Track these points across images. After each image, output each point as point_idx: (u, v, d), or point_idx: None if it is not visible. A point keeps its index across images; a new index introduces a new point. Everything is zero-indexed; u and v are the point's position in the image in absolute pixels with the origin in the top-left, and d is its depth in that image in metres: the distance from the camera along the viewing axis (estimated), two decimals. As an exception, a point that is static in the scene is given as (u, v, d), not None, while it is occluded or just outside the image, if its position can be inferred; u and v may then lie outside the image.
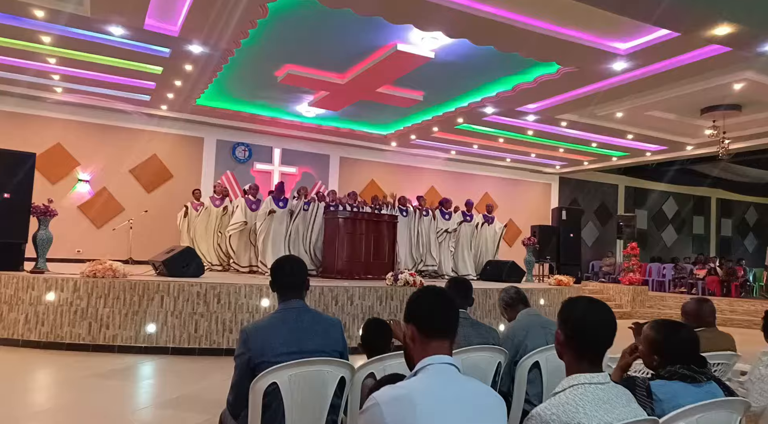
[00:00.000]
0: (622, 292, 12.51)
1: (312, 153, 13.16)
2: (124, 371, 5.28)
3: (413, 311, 1.67)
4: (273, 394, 2.16)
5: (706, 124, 10.10)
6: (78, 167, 10.97)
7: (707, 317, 3.39)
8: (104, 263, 6.16)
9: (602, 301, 1.74)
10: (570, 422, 1.52)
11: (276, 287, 2.40)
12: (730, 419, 1.92)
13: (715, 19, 5.80)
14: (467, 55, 7.64)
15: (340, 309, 6.46)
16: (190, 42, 7.31)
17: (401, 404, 1.42)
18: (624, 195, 17.97)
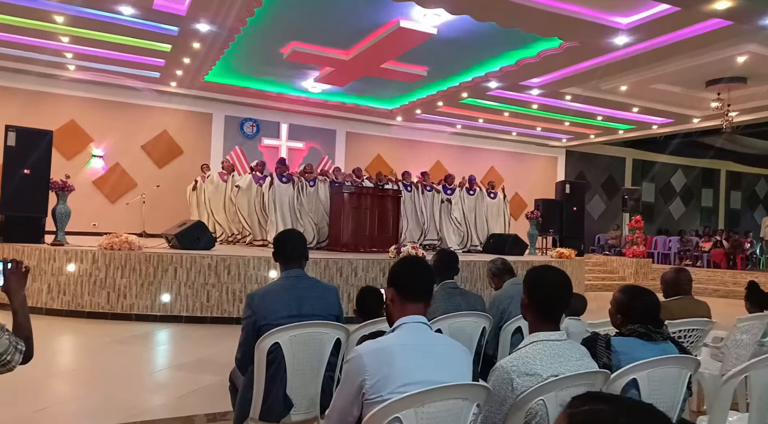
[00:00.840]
0: (626, 264, 12.69)
1: (318, 128, 13.32)
2: (142, 338, 5.64)
3: (394, 277, 1.92)
4: (276, 352, 2.43)
5: (712, 97, 10.07)
6: (92, 143, 11.27)
7: (684, 285, 3.59)
8: (120, 236, 6.48)
9: (560, 268, 1.96)
10: (528, 372, 1.77)
11: (278, 258, 2.65)
12: (680, 375, 2.16)
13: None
14: (470, 30, 7.69)
15: (345, 280, 6.75)
16: (197, 21, 7.44)
17: (380, 355, 1.67)
18: (631, 168, 17.95)
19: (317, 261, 6.77)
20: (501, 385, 1.78)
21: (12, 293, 1.77)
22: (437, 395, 1.61)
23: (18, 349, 1.68)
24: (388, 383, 1.62)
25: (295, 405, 2.46)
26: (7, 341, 1.64)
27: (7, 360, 1.65)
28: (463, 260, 7.51)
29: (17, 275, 1.79)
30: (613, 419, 0.86)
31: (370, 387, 1.64)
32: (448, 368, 1.72)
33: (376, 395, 1.63)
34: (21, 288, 1.80)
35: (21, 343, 1.70)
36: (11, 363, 1.66)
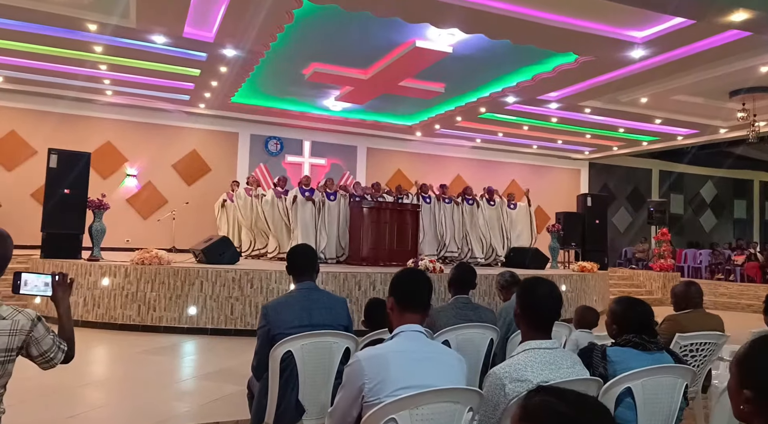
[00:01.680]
0: (653, 278, 12.46)
1: (340, 145, 13.61)
2: (169, 349, 5.89)
3: (393, 287, 2.06)
4: (288, 360, 2.59)
5: (737, 107, 9.92)
6: (126, 163, 11.80)
7: (694, 298, 3.60)
8: (151, 251, 6.80)
9: (552, 282, 2.07)
10: (519, 378, 1.87)
11: (291, 271, 2.82)
12: (675, 384, 2.22)
13: (730, 5, 5.82)
14: (485, 48, 7.85)
15: (363, 294, 6.90)
16: (224, 46, 7.82)
17: (377, 360, 1.81)
18: (658, 179, 17.65)
19: (336, 274, 6.94)
20: (494, 390, 1.89)
21: (59, 301, 2.00)
22: (430, 398, 1.74)
23: (61, 348, 1.90)
24: (385, 387, 1.76)
25: (306, 411, 2.61)
26: (51, 340, 1.86)
27: (51, 357, 1.87)
28: (482, 274, 7.59)
29: (63, 286, 2.02)
30: (555, 407, 0.99)
31: (369, 390, 1.77)
32: (441, 374, 1.84)
33: (374, 398, 1.77)
34: (66, 297, 2.03)
35: (64, 344, 1.93)
36: (54, 360, 1.89)
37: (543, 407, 1.01)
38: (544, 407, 1.01)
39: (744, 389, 1.15)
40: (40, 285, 2.01)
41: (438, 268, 7.29)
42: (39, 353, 1.83)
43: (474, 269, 3.57)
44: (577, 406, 1.00)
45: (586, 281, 9.18)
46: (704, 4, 5.81)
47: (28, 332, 1.78)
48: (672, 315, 3.58)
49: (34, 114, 11.00)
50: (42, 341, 1.82)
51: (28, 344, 1.80)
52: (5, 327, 1.73)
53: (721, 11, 5.94)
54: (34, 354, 1.83)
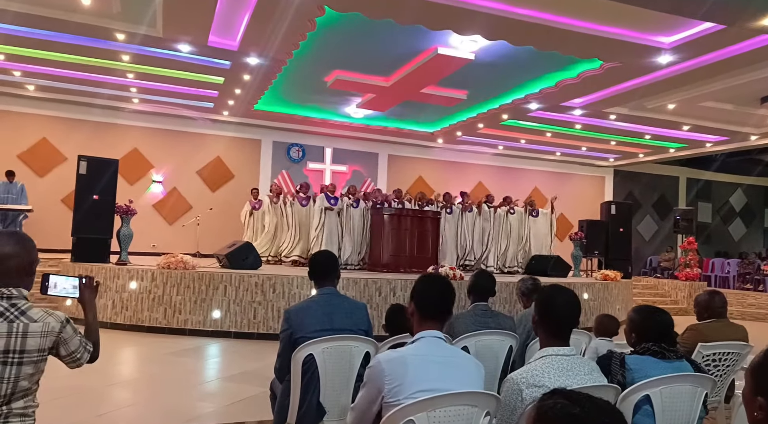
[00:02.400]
0: (678, 288, 12.20)
1: (361, 152, 13.71)
2: (194, 351, 6.02)
3: (415, 294, 2.08)
4: (310, 363, 2.64)
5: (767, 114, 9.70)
6: (152, 170, 12.11)
7: (718, 308, 3.54)
8: (176, 256, 6.96)
9: (570, 289, 2.08)
10: (536, 383, 1.89)
11: (313, 276, 2.88)
12: (694, 393, 2.20)
13: (762, 10, 5.72)
14: (507, 54, 7.84)
15: (384, 300, 6.93)
16: (247, 55, 8.00)
17: (397, 362, 1.85)
18: (686, 187, 17.28)
19: (357, 280, 7.00)
20: (511, 395, 1.91)
21: (85, 303, 2.09)
22: (447, 401, 1.77)
23: (87, 349, 1.99)
24: (404, 389, 1.80)
25: (327, 413, 2.66)
26: (78, 341, 1.94)
27: (78, 357, 1.95)
28: (501, 281, 7.54)
29: (90, 289, 2.11)
30: (568, 410, 1.02)
31: (389, 391, 1.81)
32: (458, 378, 1.87)
33: (394, 399, 1.81)
34: (92, 299, 2.12)
35: (89, 344, 2.01)
36: (80, 360, 1.97)
37: (557, 409, 1.04)
38: (557, 409, 1.04)
39: (758, 397, 1.16)
40: (68, 287, 2.09)
41: (458, 275, 7.28)
42: (67, 353, 1.91)
43: (493, 277, 3.56)
44: (589, 408, 1.03)
45: (609, 290, 9.04)
46: (736, 9, 5.71)
47: (58, 333, 1.85)
48: (694, 325, 3.52)
49: (64, 121, 11.39)
50: (70, 341, 1.90)
51: (58, 345, 1.88)
52: (37, 329, 1.81)
53: (753, 16, 5.84)
54: (63, 354, 1.91)
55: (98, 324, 2.14)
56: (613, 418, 1.02)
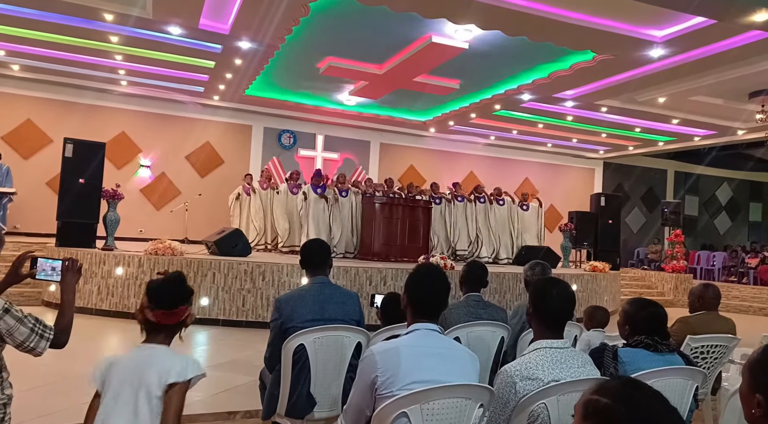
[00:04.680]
0: (665, 280, 12.37)
1: (353, 139, 13.62)
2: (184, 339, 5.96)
3: (408, 286, 2.06)
4: (301, 352, 2.62)
5: (756, 109, 9.77)
6: (140, 154, 11.92)
7: (710, 301, 3.58)
8: (164, 242, 6.88)
9: (565, 282, 2.07)
10: (530, 376, 1.89)
11: (304, 265, 2.85)
12: (685, 386, 2.21)
13: (752, 5, 5.73)
14: (501, 44, 7.79)
15: (374, 289, 6.92)
16: (239, 39, 7.85)
17: (390, 354, 1.84)
18: (673, 180, 17.45)
19: (348, 269, 6.98)
20: (505, 388, 1.90)
21: (65, 287, 2.00)
22: (441, 394, 1.75)
23: (44, 336, 1.85)
24: (397, 380, 1.78)
25: (318, 403, 2.64)
26: (29, 330, 1.80)
27: (31, 347, 1.82)
28: (492, 272, 7.58)
29: (72, 272, 2.02)
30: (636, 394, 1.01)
31: (382, 383, 1.80)
32: (453, 370, 1.86)
33: (387, 391, 1.79)
34: (73, 283, 2.02)
35: (48, 331, 1.87)
36: (36, 349, 1.83)
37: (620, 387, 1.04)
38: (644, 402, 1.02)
39: (756, 394, 1.16)
40: (48, 270, 2.02)
41: (449, 265, 7.29)
42: (15, 343, 1.80)
43: (486, 267, 3.53)
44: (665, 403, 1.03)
45: (598, 281, 9.13)
46: (727, 3, 5.71)
47: None
48: (683, 317, 3.56)
49: (50, 103, 11.14)
50: (15, 332, 1.78)
51: (2, 335, 1.76)
52: None
53: (744, 11, 5.84)
54: (13, 345, 1.79)
55: (73, 309, 2.02)
56: (676, 415, 1.03)
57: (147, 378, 1.73)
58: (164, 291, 1.81)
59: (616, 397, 1.02)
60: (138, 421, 1.66)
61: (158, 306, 1.81)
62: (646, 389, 1.05)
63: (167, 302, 1.81)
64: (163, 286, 1.82)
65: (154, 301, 1.81)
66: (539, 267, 3.66)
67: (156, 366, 1.74)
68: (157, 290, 1.81)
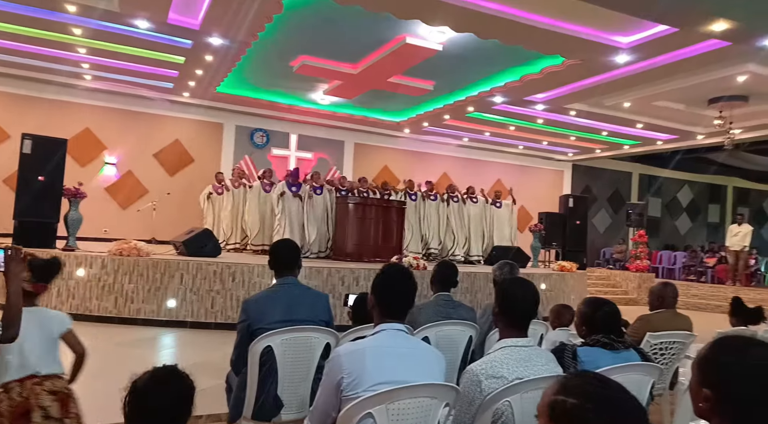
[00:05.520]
0: (629, 279, 12.72)
1: (327, 139, 13.56)
2: (147, 341, 5.83)
3: (376, 289, 2.06)
4: (268, 355, 2.59)
5: (714, 115, 10.15)
6: (105, 151, 11.59)
7: (669, 298, 3.71)
8: (129, 242, 6.70)
9: (530, 281, 2.12)
10: (495, 375, 1.92)
11: (273, 266, 2.82)
12: (642, 381, 2.29)
13: (711, 15, 5.95)
14: (474, 47, 7.88)
15: (347, 289, 6.90)
16: (210, 35, 7.72)
17: (356, 355, 1.84)
18: (638, 182, 17.97)
19: (320, 270, 6.94)
20: (470, 386, 1.93)
21: (9, 277, 1.89)
22: (406, 394, 1.77)
23: None
24: (363, 382, 1.78)
25: (285, 405, 2.62)
26: None
27: None
28: (463, 271, 7.66)
29: (16, 261, 1.91)
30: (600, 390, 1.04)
31: (347, 385, 1.80)
32: (419, 370, 1.88)
33: (353, 393, 1.79)
34: (19, 273, 1.92)
35: None
36: None
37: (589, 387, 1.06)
38: (590, 388, 1.06)
39: (703, 388, 1.20)
40: None
41: (422, 265, 7.33)
42: None
43: (456, 267, 3.57)
44: (619, 391, 1.06)
45: (565, 281, 9.33)
46: (687, 12, 5.92)
47: None
48: (644, 315, 3.67)
49: (9, 97, 10.72)
50: None
51: None
52: None
53: (703, 20, 6.06)
54: None
55: (21, 301, 1.92)
56: (637, 405, 1.05)
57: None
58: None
59: (583, 395, 1.04)
60: None
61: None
62: (608, 383, 1.09)
63: None
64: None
65: None
66: (507, 267, 3.74)
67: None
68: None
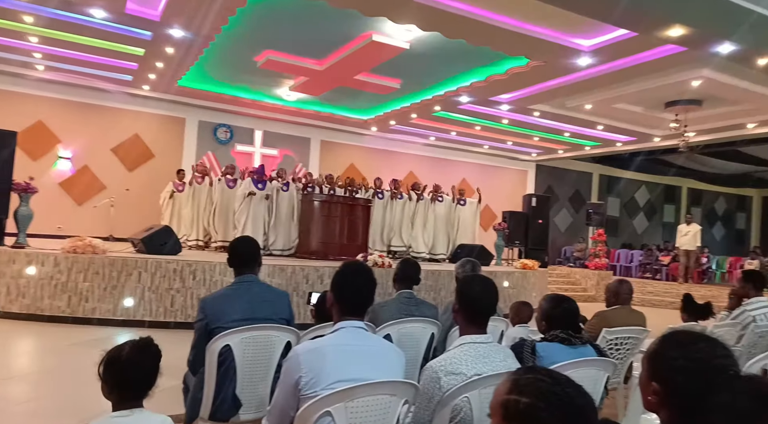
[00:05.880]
0: (588, 276, 13.09)
1: (293, 136, 13.40)
2: (103, 341, 5.61)
3: (334, 285, 2.03)
4: (226, 354, 2.53)
5: (670, 118, 10.54)
6: (59, 145, 11.11)
7: (624, 296, 3.82)
8: (84, 239, 6.45)
9: (489, 278, 2.13)
10: (454, 371, 1.93)
11: (232, 264, 2.76)
12: (598, 376, 2.35)
13: (668, 20, 6.15)
14: (441, 46, 7.92)
15: (311, 288, 6.82)
16: (171, 26, 7.49)
17: (315, 353, 1.81)
18: (598, 183, 18.52)
19: (284, 268, 6.85)
20: (429, 383, 1.93)
21: None
22: (365, 391, 1.75)
23: None
24: (321, 380, 1.76)
25: (244, 405, 2.57)
26: None
27: None
28: (428, 269, 7.71)
29: None
30: (549, 386, 1.05)
31: (305, 384, 1.77)
32: (379, 367, 1.86)
33: (311, 391, 1.76)
34: None
35: None
36: None
37: (537, 385, 1.07)
38: (538, 385, 1.06)
39: (652, 382, 1.23)
40: None
41: (387, 263, 7.34)
42: None
43: (418, 265, 3.59)
44: (568, 387, 1.07)
45: (527, 278, 9.52)
46: (644, 16, 6.11)
47: None
48: (600, 312, 3.77)
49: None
50: None
51: None
52: None
53: (661, 25, 6.26)
54: None
55: None
56: (587, 399, 1.06)
57: None
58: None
59: (534, 394, 1.05)
60: None
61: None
62: (559, 379, 1.10)
63: None
64: None
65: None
66: (470, 265, 3.80)
67: None
68: None
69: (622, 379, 3.57)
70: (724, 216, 21.64)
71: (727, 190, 21.18)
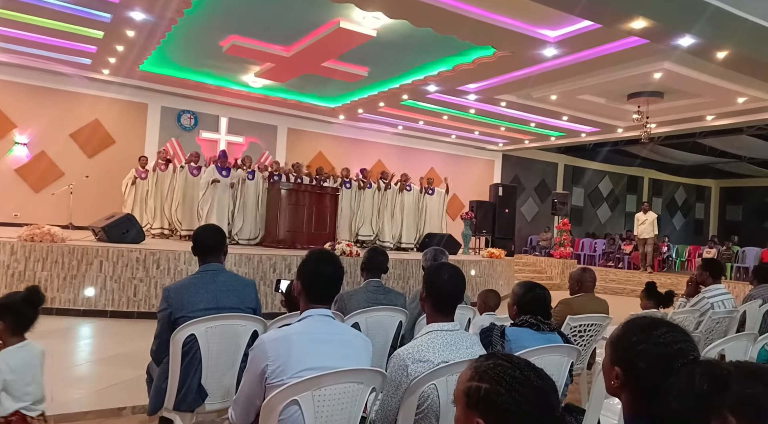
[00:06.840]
0: (553, 265, 13.43)
1: (259, 123, 13.16)
2: (63, 332, 5.45)
3: (302, 275, 2.01)
4: (191, 344, 2.49)
5: (633, 109, 10.84)
6: (15, 130, 10.61)
7: (587, 283, 3.94)
8: (42, 227, 6.21)
9: (456, 266, 2.16)
10: (421, 359, 1.95)
11: (197, 252, 2.70)
12: (562, 362, 2.42)
13: (631, 13, 6.28)
14: (408, 35, 7.89)
15: (278, 276, 6.78)
16: (131, 8, 7.21)
17: (281, 342, 1.80)
18: (563, 173, 18.94)
19: (250, 257, 6.76)
20: (397, 371, 1.94)
21: None
22: (332, 379, 1.75)
23: None
24: (288, 368, 1.75)
25: (210, 395, 2.54)
26: None
27: None
28: (396, 258, 7.74)
29: None
30: (508, 371, 1.06)
31: (272, 372, 1.76)
32: (345, 355, 1.87)
33: (278, 380, 1.76)
34: None
35: None
36: None
37: (497, 370, 1.09)
38: (498, 370, 1.09)
39: (615, 367, 1.27)
40: None
41: (354, 252, 7.33)
42: None
43: (386, 253, 3.61)
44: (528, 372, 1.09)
45: (494, 267, 9.69)
46: (607, 8, 6.23)
47: None
48: (565, 299, 3.88)
49: None
50: None
51: None
52: None
53: (623, 17, 6.38)
54: None
55: None
56: (548, 382, 1.08)
57: None
58: None
59: (494, 379, 1.07)
60: None
61: None
62: (518, 363, 1.12)
63: None
64: None
65: None
66: (437, 253, 3.85)
67: None
68: None
69: (585, 365, 3.69)
70: (684, 206, 22.50)
71: (687, 180, 22.00)
